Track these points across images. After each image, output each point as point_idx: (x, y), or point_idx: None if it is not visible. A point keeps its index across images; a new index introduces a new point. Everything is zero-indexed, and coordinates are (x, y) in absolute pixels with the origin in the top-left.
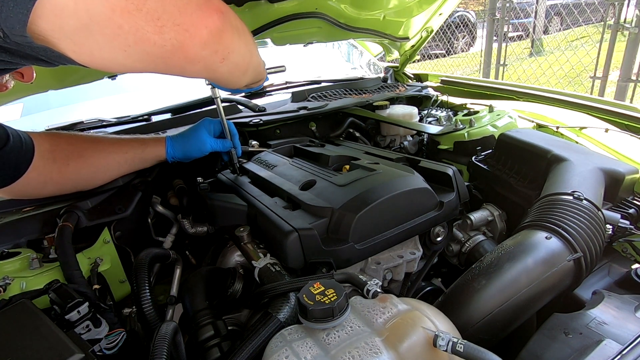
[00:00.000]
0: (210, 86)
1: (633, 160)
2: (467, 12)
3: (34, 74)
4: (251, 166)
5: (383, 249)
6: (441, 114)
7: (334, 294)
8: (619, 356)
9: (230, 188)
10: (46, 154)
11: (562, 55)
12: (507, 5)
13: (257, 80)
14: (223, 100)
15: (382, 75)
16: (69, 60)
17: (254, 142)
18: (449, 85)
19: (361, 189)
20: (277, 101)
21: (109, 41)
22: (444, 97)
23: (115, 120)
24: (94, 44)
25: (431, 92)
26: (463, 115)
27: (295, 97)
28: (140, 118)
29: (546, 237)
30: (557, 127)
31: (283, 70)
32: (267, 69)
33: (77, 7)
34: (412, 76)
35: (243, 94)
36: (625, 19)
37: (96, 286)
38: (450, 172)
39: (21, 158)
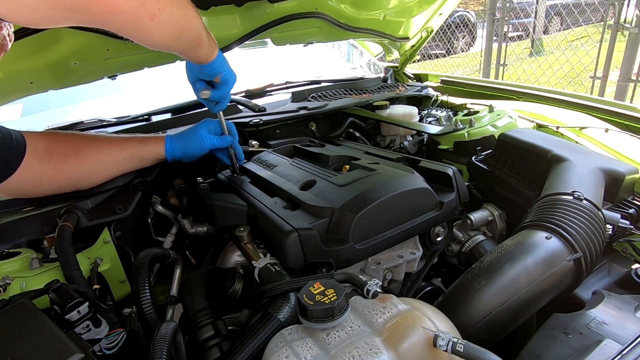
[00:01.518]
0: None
1: (633, 160)
2: (467, 12)
3: None
4: (251, 166)
5: (383, 249)
6: (441, 114)
7: (334, 294)
8: (619, 356)
9: (230, 188)
10: (41, 151)
11: (562, 55)
12: (507, 5)
13: (195, 49)
14: None
15: (382, 75)
16: None
17: (254, 142)
18: (449, 85)
19: (361, 189)
20: (277, 101)
21: None
22: (444, 97)
23: (115, 120)
24: None
25: (431, 92)
26: (463, 115)
27: (295, 97)
28: (140, 118)
29: (546, 237)
30: (557, 127)
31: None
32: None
33: None
34: (412, 76)
35: (243, 94)
36: (625, 19)
37: (96, 286)
38: (450, 172)
39: (11, 155)
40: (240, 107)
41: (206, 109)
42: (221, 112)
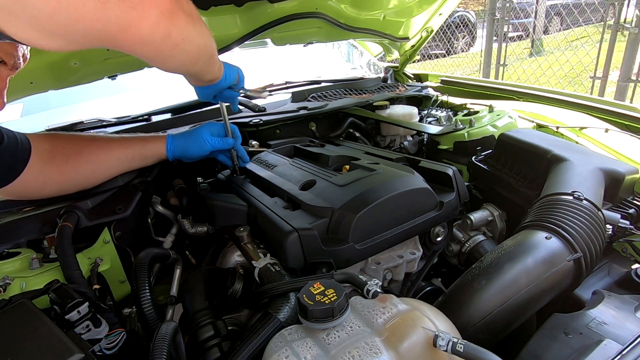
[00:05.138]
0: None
1: (633, 160)
2: (467, 12)
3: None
4: (251, 166)
5: (383, 249)
6: (441, 114)
7: (334, 294)
8: (619, 356)
9: (230, 188)
10: (45, 154)
11: (562, 55)
12: (507, 5)
13: (209, 72)
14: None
15: (382, 75)
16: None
17: (254, 142)
18: (449, 85)
19: (361, 189)
20: (277, 101)
21: (47, 17)
22: (444, 97)
23: (115, 120)
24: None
25: (431, 92)
26: (463, 115)
27: (295, 97)
28: (140, 118)
29: (546, 237)
30: (557, 127)
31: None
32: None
33: None
34: (412, 76)
35: (243, 94)
36: (625, 19)
37: (96, 286)
38: (450, 172)
39: (17, 158)
40: (241, 107)
41: (206, 108)
42: (226, 114)
